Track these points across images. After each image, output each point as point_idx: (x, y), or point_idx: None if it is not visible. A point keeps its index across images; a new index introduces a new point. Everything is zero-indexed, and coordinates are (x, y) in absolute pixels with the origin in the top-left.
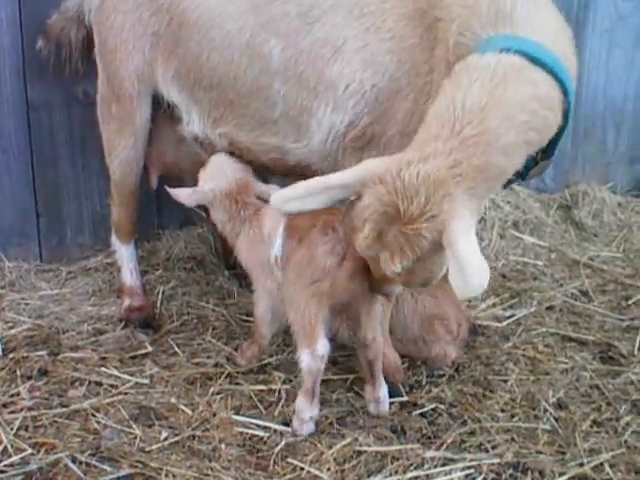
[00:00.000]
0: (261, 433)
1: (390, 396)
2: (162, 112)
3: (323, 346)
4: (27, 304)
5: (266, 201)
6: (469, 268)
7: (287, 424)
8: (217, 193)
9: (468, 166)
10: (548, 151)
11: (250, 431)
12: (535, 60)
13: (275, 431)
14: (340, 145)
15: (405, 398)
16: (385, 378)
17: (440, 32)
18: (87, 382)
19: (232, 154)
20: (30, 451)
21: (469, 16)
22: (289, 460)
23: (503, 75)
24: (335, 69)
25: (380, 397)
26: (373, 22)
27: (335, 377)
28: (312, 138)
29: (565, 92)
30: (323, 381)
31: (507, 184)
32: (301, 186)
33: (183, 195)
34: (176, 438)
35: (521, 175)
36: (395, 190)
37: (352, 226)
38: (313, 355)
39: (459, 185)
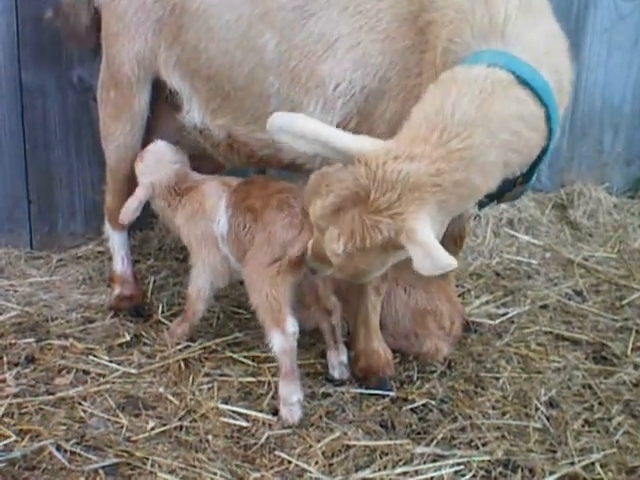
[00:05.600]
0: (249, 425)
1: (380, 390)
2: (164, 99)
3: (292, 324)
4: (16, 291)
5: None
6: (436, 251)
7: (275, 415)
8: (157, 186)
9: (449, 179)
10: (527, 175)
11: (238, 423)
12: (522, 80)
13: (263, 423)
14: None
15: (393, 393)
16: (375, 373)
17: (431, 36)
18: (74, 370)
19: (231, 147)
20: (14, 438)
21: (462, 22)
22: (277, 453)
23: (491, 90)
24: (326, 67)
25: (344, 360)
26: (367, 21)
27: (324, 370)
28: None
29: (549, 116)
30: (311, 374)
31: (480, 207)
32: (300, 123)
33: (129, 212)
34: (163, 428)
35: (496, 198)
36: (374, 177)
37: (316, 189)
38: (284, 334)
39: (435, 195)
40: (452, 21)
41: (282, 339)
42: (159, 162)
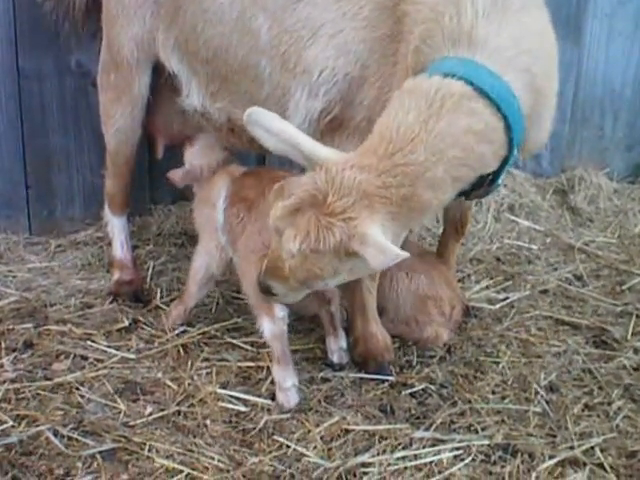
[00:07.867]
0: (247, 409)
1: (379, 375)
2: (165, 81)
3: (281, 309)
4: (15, 276)
5: None
6: (386, 246)
7: (274, 400)
8: (205, 168)
9: (396, 193)
10: (493, 179)
11: (236, 407)
12: (480, 91)
13: (262, 408)
14: (316, 129)
15: (392, 378)
16: (374, 357)
17: (406, 28)
18: (72, 355)
19: (233, 131)
20: (11, 423)
21: (434, 24)
22: (275, 437)
23: (440, 105)
24: (311, 53)
25: (343, 346)
26: (350, 8)
27: (323, 355)
28: (290, 121)
29: (509, 126)
30: (310, 359)
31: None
32: (276, 124)
33: (177, 177)
34: (161, 413)
35: (463, 195)
36: (332, 182)
37: (279, 193)
38: (273, 319)
39: (385, 206)
40: (425, 21)
41: (271, 324)
42: (210, 148)
